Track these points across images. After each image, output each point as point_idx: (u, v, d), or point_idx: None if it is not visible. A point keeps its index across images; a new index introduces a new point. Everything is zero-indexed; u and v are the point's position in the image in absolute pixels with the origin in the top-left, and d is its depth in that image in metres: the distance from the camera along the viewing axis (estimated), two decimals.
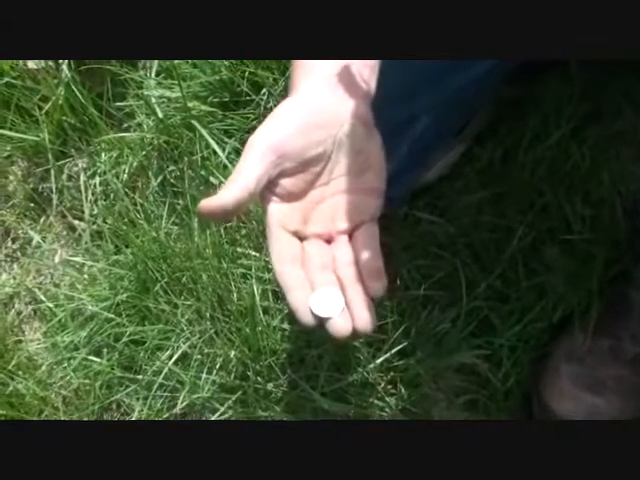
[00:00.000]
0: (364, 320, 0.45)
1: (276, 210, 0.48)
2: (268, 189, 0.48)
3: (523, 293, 0.70)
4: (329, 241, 0.49)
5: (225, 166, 0.76)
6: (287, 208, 0.48)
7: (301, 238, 0.49)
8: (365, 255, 0.47)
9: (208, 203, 0.45)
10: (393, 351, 0.68)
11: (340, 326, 0.44)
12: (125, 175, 0.80)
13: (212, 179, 0.76)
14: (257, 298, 0.69)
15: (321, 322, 0.44)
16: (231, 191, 0.45)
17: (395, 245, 0.72)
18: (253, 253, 0.74)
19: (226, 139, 0.77)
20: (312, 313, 0.45)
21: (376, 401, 0.69)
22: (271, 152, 0.47)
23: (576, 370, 0.67)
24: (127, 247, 0.76)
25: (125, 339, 0.73)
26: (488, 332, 0.70)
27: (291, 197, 0.49)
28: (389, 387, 0.70)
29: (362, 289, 0.46)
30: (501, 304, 0.70)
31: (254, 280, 0.70)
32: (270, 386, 0.69)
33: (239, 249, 0.74)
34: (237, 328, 0.69)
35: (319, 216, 0.49)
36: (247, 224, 0.76)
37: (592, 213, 0.71)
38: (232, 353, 0.69)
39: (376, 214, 0.49)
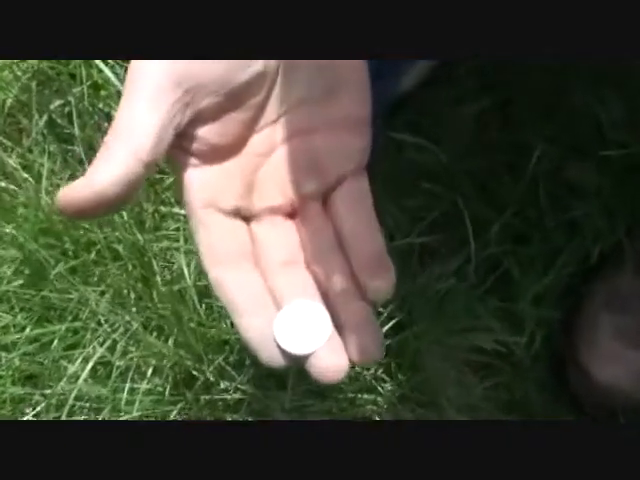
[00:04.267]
0: (369, 346, 0.27)
1: (198, 180, 0.29)
2: (179, 147, 0.29)
3: (549, 231, 0.57)
4: (292, 215, 0.31)
5: None
6: (216, 174, 0.30)
7: (246, 218, 0.30)
8: (355, 230, 0.30)
9: (70, 192, 0.26)
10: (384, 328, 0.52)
11: (330, 364, 0.27)
12: None
13: (114, 113, 0.57)
14: (188, 279, 0.50)
15: (298, 360, 0.27)
16: (110, 165, 0.26)
17: (371, 181, 0.55)
18: (182, 212, 0.56)
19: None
20: (281, 348, 0.27)
21: (365, 395, 0.53)
22: (173, 83, 0.27)
23: (619, 320, 0.57)
24: (8, 223, 0.57)
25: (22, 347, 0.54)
26: (505, 286, 0.56)
27: (220, 154, 0.30)
28: (379, 373, 0.54)
29: (357, 292, 0.28)
30: (521, 248, 0.57)
31: (182, 255, 0.51)
32: (222, 390, 0.52)
33: (163, 208, 0.56)
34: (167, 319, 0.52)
35: (270, 177, 0.31)
36: (170, 173, 0.57)
37: (632, 116, 0.57)
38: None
39: (363, 160, 0.31)
